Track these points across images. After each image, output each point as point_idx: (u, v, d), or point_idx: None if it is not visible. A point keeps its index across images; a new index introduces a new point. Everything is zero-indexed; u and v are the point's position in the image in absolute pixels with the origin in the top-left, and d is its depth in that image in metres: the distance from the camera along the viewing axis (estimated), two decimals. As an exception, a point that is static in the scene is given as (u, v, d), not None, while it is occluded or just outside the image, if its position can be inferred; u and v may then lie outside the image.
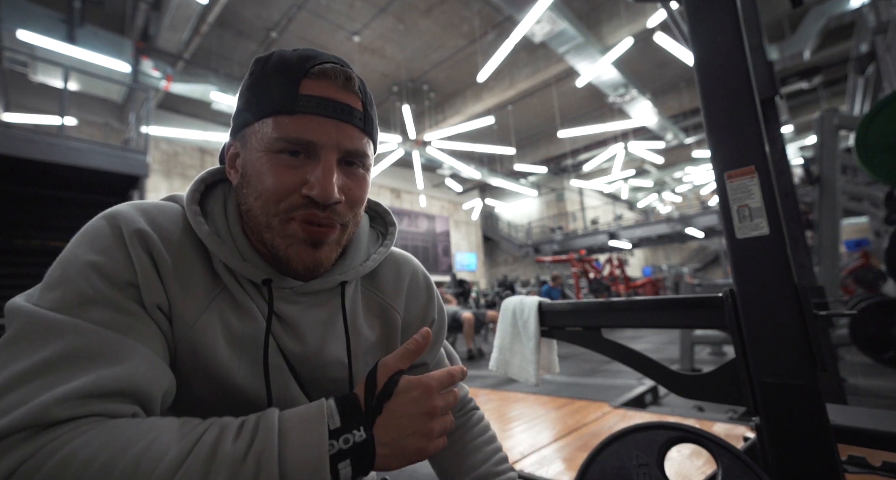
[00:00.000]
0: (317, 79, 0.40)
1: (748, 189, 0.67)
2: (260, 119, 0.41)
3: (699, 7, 0.75)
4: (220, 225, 0.44)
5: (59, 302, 0.34)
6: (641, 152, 11.99)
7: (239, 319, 0.42)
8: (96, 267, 0.35)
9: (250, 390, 0.42)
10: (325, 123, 0.40)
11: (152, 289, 0.37)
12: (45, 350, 0.31)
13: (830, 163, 2.57)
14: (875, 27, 2.84)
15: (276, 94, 0.40)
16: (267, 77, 0.41)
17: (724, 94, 0.70)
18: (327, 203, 0.40)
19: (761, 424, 0.64)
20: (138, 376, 0.33)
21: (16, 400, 0.28)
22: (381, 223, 0.57)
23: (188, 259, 0.41)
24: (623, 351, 0.84)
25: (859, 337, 2.35)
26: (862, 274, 3.26)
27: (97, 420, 0.30)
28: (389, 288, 0.54)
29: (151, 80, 7.34)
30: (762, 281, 0.65)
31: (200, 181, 0.47)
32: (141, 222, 0.39)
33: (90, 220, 0.40)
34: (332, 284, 0.47)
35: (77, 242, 0.38)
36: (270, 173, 0.40)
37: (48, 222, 4.50)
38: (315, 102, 0.39)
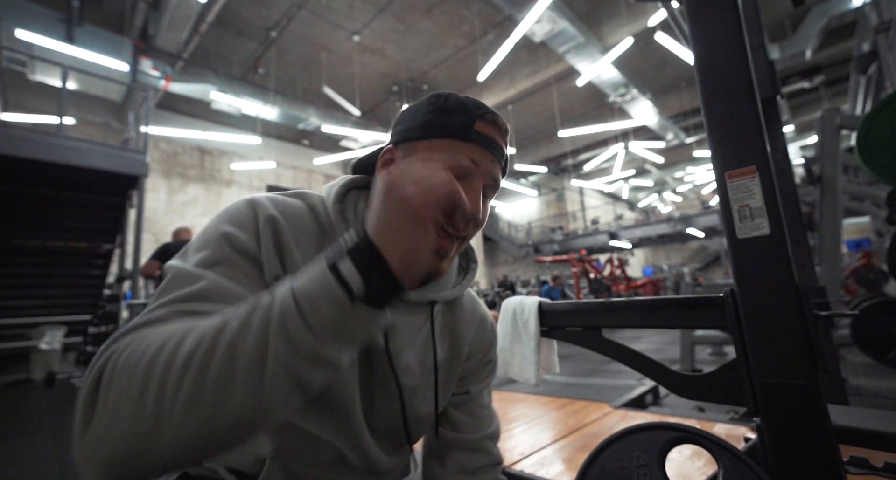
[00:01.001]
0: (488, 123, 0.50)
1: (749, 189, 0.67)
2: (438, 138, 0.49)
3: (700, 6, 0.75)
4: (350, 217, 0.51)
5: (198, 260, 0.41)
6: (642, 152, 12.00)
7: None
8: (228, 237, 0.42)
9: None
10: (487, 155, 0.49)
11: (272, 265, 0.43)
12: (180, 290, 0.38)
13: (832, 162, 2.57)
14: (877, 26, 2.83)
15: (457, 123, 0.49)
16: (449, 110, 0.49)
17: (725, 94, 0.70)
18: (475, 216, 0.48)
19: (762, 425, 0.64)
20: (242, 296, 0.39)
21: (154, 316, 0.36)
22: (465, 258, 0.63)
23: (308, 248, 0.46)
24: (623, 351, 0.84)
25: (861, 338, 2.34)
26: (863, 274, 3.26)
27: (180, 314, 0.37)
28: (465, 320, 0.61)
29: (150, 79, 7.34)
30: (763, 281, 0.65)
31: (344, 186, 0.53)
32: (275, 211, 0.45)
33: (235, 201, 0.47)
34: (424, 300, 0.53)
35: (220, 216, 0.45)
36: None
37: (47, 222, 4.50)
38: (485, 139, 0.49)
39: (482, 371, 0.65)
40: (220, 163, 10.87)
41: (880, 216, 2.74)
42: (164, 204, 9.76)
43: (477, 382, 0.64)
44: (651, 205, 19.59)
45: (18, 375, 3.93)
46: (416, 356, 0.53)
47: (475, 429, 0.62)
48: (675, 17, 1.58)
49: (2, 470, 1.84)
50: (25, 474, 1.80)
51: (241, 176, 11.25)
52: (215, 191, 10.78)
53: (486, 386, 0.66)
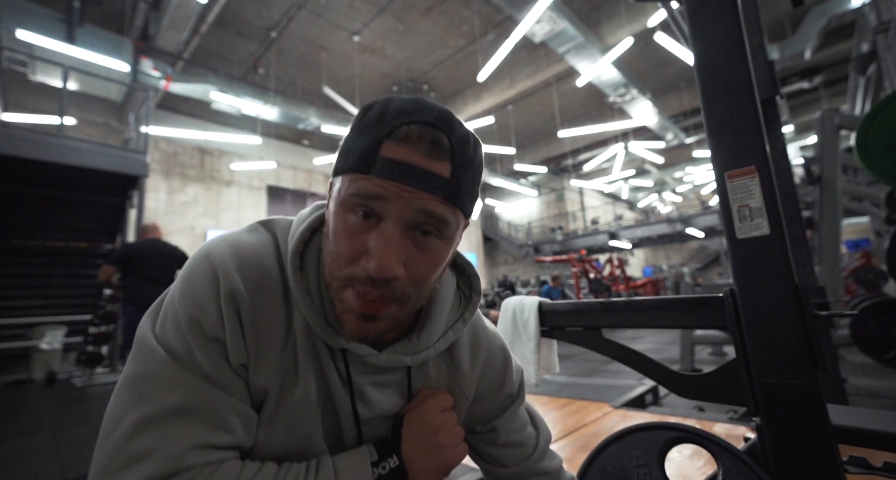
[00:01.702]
0: (399, 142, 0.37)
1: (749, 189, 0.67)
2: (342, 173, 0.40)
3: (699, 6, 0.75)
4: (312, 282, 0.43)
5: (175, 345, 0.38)
6: (642, 152, 12.00)
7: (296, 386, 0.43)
8: (196, 321, 0.39)
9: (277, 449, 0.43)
10: (398, 188, 0.37)
11: (237, 350, 0.40)
12: (166, 399, 0.36)
13: (831, 162, 2.57)
14: (876, 26, 2.83)
15: (359, 152, 0.38)
16: (361, 130, 0.39)
17: (725, 94, 0.70)
18: (381, 278, 0.37)
19: (762, 424, 0.64)
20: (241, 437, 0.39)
21: (148, 446, 0.34)
22: (468, 285, 0.52)
23: (272, 317, 0.41)
24: (623, 351, 0.84)
25: (860, 338, 2.34)
26: (863, 274, 3.26)
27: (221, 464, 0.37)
28: (464, 369, 0.52)
29: (151, 79, 7.33)
30: (763, 281, 0.65)
31: (308, 229, 0.44)
32: (236, 280, 0.40)
33: (194, 258, 0.42)
34: (400, 364, 0.45)
35: (183, 288, 0.40)
36: (341, 234, 0.39)
37: (47, 222, 4.50)
38: (391, 167, 0.37)
39: (502, 404, 0.57)
40: (220, 163, 10.87)
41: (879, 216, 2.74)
42: (165, 204, 9.75)
43: (501, 417, 0.57)
44: (651, 205, 19.59)
45: (19, 375, 3.93)
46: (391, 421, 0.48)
47: (521, 456, 0.56)
48: (675, 17, 1.58)
49: (2, 470, 1.84)
50: (26, 473, 1.80)
51: (241, 176, 11.25)
52: (215, 191, 10.77)
53: (512, 415, 0.58)
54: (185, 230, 10.01)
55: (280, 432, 0.42)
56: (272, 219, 0.47)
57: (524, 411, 0.60)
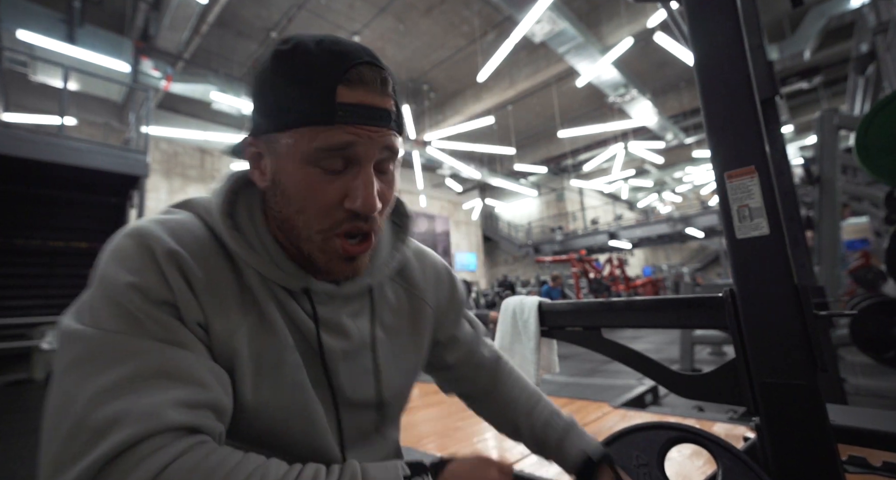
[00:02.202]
0: (354, 86, 0.38)
1: (748, 189, 0.67)
2: (293, 128, 0.38)
3: (699, 7, 0.75)
4: (250, 235, 0.43)
5: (113, 322, 0.34)
6: (641, 152, 11.99)
7: (270, 337, 0.42)
8: (136, 288, 0.35)
9: (270, 408, 0.42)
10: (366, 131, 0.39)
11: (190, 308, 0.37)
12: (122, 368, 0.32)
13: (831, 163, 2.57)
14: (875, 27, 2.84)
15: (310, 103, 0.38)
16: (297, 79, 0.38)
17: (725, 94, 0.70)
18: (370, 214, 0.40)
19: (761, 424, 0.64)
20: (217, 392, 0.36)
21: (114, 412, 0.29)
22: (398, 215, 0.56)
23: (217, 276, 0.40)
24: (623, 351, 0.84)
25: (860, 337, 2.34)
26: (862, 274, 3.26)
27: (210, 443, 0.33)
28: (419, 283, 0.57)
29: (151, 79, 7.34)
30: (762, 281, 0.65)
31: (229, 192, 0.45)
32: (170, 241, 0.38)
33: (114, 241, 0.38)
34: (362, 289, 0.49)
35: (108, 263, 0.37)
36: (311, 187, 0.40)
37: (48, 222, 4.50)
38: (355, 111, 0.38)
39: (455, 312, 0.63)
40: (221, 163, 10.87)
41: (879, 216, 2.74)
42: (165, 204, 9.73)
43: (457, 326, 0.63)
44: (651, 205, 19.58)
45: (19, 375, 3.93)
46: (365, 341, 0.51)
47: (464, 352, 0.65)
48: (675, 17, 1.58)
49: (2, 470, 1.84)
50: (26, 473, 1.80)
51: (241, 176, 11.24)
52: (215, 192, 10.77)
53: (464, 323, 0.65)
54: (185, 230, 9.99)
55: (270, 388, 0.41)
56: (182, 201, 0.46)
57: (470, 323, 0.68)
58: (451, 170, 12.56)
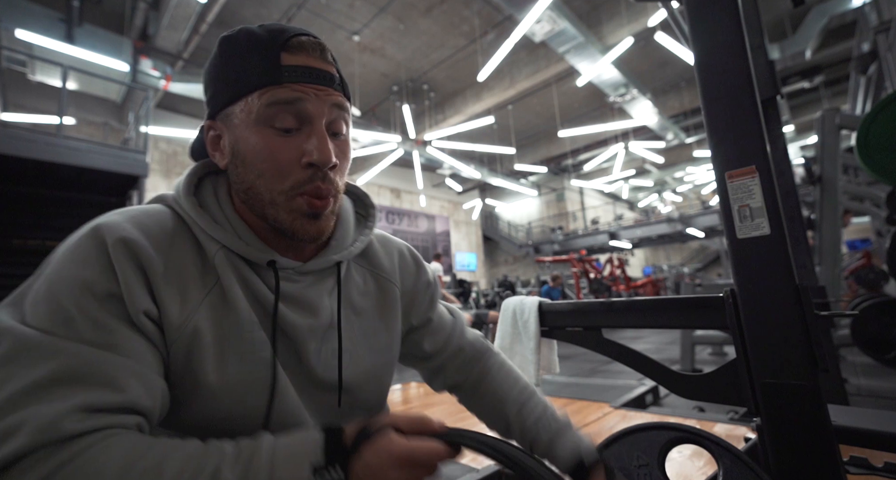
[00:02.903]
0: (296, 51, 0.42)
1: (749, 189, 0.67)
2: (245, 95, 0.42)
3: (700, 6, 0.75)
4: (215, 212, 0.45)
5: (46, 320, 0.34)
6: (642, 152, 11.99)
7: (231, 313, 0.42)
8: (79, 281, 0.35)
9: (235, 387, 0.41)
10: (312, 89, 0.42)
11: (137, 297, 0.37)
12: (36, 371, 0.31)
13: (832, 162, 2.56)
14: (877, 26, 2.83)
15: (258, 69, 0.41)
16: (242, 54, 0.42)
17: (725, 94, 0.70)
18: (327, 166, 0.42)
19: (762, 425, 0.64)
20: (134, 394, 0.34)
21: (20, 420, 0.29)
22: (363, 206, 0.59)
23: (179, 259, 0.41)
24: (623, 351, 0.84)
25: (861, 338, 2.34)
26: (863, 274, 3.26)
27: (111, 433, 0.32)
28: (385, 265, 0.58)
29: (150, 79, 7.33)
30: (763, 281, 0.65)
31: (193, 174, 0.48)
32: (126, 229, 0.39)
33: (76, 233, 0.39)
34: (329, 264, 0.50)
35: (60, 257, 0.38)
36: (268, 148, 0.41)
37: (47, 222, 4.50)
38: (299, 72, 0.41)
39: (428, 295, 0.63)
40: (220, 163, 10.87)
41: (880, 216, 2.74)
42: (164, 204, 9.75)
43: (431, 308, 0.64)
44: (651, 205, 19.58)
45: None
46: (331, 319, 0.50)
47: (444, 340, 0.65)
48: (675, 17, 1.58)
49: (2, 470, 1.84)
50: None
51: (241, 176, 11.24)
52: (215, 191, 10.78)
53: (437, 305, 0.66)
54: (185, 230, 10.00)
55: (235, 366, 0.41)
56: (154, 196, 0.48)
57: (445, 311, 0.68)
58: (451, 169, 12.56)
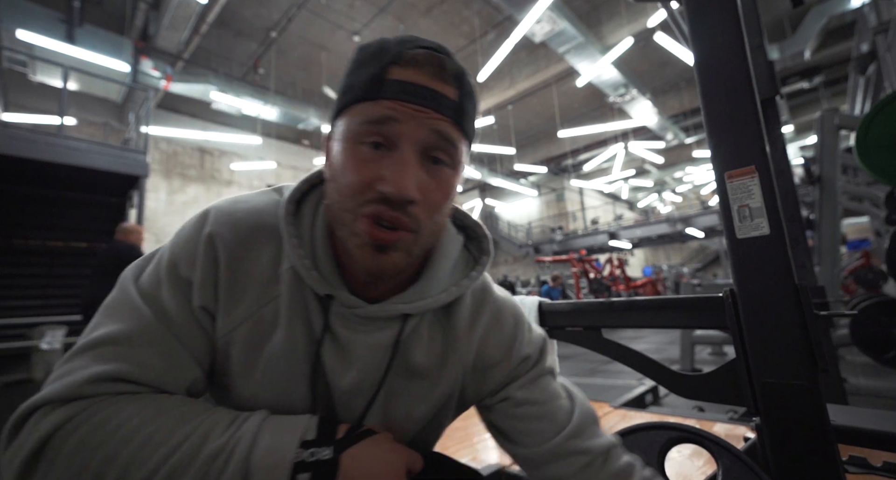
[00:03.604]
0: (406, 65, 0.37)
1: (748, 189, 0.67)
2: (347, 107, 0.38)
3: (699, 7, 0.75)
4: (305, 227, 0.42)
5: (148, 283, 0.40)
6: (641, 152, 12.00)
7: (274, 336, 0.41)
8: (174, 258, 0.40)
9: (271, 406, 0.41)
10: (409, 109, 0.36)
11: (205, 291, 0.40)
12: (113, 325, 0.37)
13: (831, 162, 2.57)
14: (876, 27, 2.83)
15: (363, 82, 0.38)
16: (361, 65, 0.39)
17: (725, 94, 0.70)
18: (400, 200, 0.36)
19: (762, 424, 0.64)
20: (163, 376, 0.38)
21: (65, 371, 0.35)
22: (478, 248, 0.50)
23: (254, 265, 0.41)
24: (623, 351, 0.84)
25: (860, 338, 2.34)
26: (863, 274, 3.26)
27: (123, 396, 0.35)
28: (461, 330, 0.47)
29: (151, 79, 7.34)
30: (763, 281, 0.65)
31: (306, 181, 0.45)
32: (221, 225, 0.41)
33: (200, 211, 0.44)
34: (394, 313, 0.42)
35: (180, 230, 0.43)
36: (349, 165, 0.37)
37: (47, 222, 4.50)
38: (400, 87, 0.36)
39: (516, 370, 0.50)
40: (221, 163, 10.87)
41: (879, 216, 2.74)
42: (165, 204, 9.75)
43: (514, 383, 0.50)
44: (651, 205, 19.59)
45: (19, 375, 3.92)
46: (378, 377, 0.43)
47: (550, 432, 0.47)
48: (675, 17, 1.58)
49: (2, 470, 1.84)
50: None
51: (241, 176, 11.25)
52: (215, 192, 10.77)
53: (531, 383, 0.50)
54: (185, 230, 10.00)
55: (257, 382, 0.41)
56: (287, 184, 0.47)
57: (555, 384, 0.52)
58: (451, 169, 12.53)
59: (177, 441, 0.33)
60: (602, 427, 0.50)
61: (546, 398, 0.49)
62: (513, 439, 0.49)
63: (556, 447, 0.46)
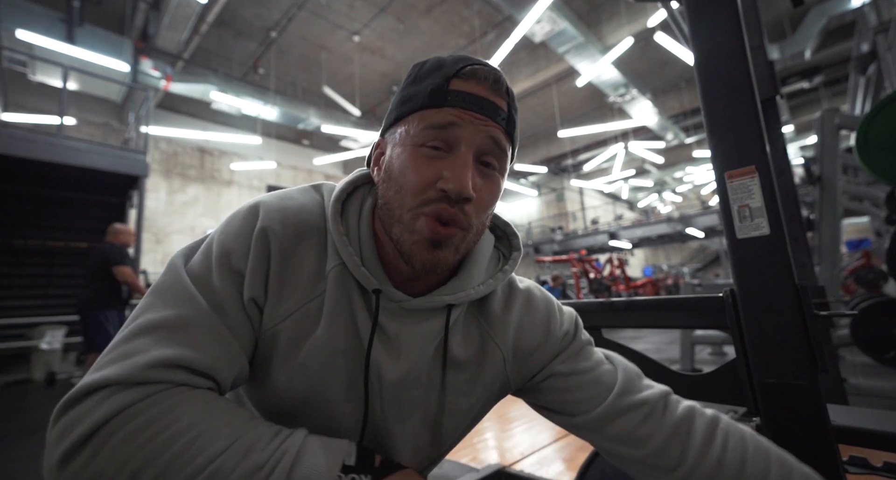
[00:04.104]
0: (466, 78, 0.42)
1: (749, 189, 0.67)
2: (409, 114, 0.43)
3: (700, 6, 0.75)
4: (352, 225, 0.45)
5: (198, 269, 0.41)
6: (642, 152, 11.99)
7: (318, 329, 0.43)
8: (226, 248, 0.41)
9: (298, 403, 0.43)
10: (470, 116, 0.41)
11: (255, 284, 0.41)
12: (167, 310, 0.38)
13: (831, 162, 2.57)
14: (876, 26, 2.83)
15: (427, 92, 0.42)
16: (421, 78, 0.44)
17: (725, 94, 0.70)
18: (460, 197, 0.39)
19: (762, 424, 0.64)
20: (217, 363, 0.38)
21: (130, 349, 0.35)
22: (507, 246, 0.53)
23: (301, 261, 0.43)
24: (623, 351, 0.84)
25: (860, 338, 2.34)
26: (863, 274, 3.26)
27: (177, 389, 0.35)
28: (496, 319, 0.50)
29: (151, 79, 7.34)
30: (763, 281, 0.65)
31: (351, 183, 0.48)
32: (272, 220, 0.42)
33: (244, 204, 0.45)
34: (439, 305, 0.45)
35: (226, 222, 0.44)
36: (411, 166, 0.41)
37: (47, 222, 4.50)
38: (462, 97, 0.41)
39: (558, 346, 0.52)
40: (220, 163, 10.87)
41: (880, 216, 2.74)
42: (165, 204, 9.75)
43: (559, 358, 0.52)
44: (651, 205, 19.59)
45: (19, 375, 3.92)
46: (424, 370, 0.46)
47: (602, 394, 0.49)
48: (675, 17, 1.58)
49: (2, 470, 1.84)
50: (26, 473, 1.80)
51: (241, 176, 11.25)
52: (215, 192, 10.77)
53: (575, 355, 0.52)
54: (186, 230, 10.01)
55: (294, 372, 0.43)
56: (322, 183, 0.50)
57: (597, 352, 0.54)
58: (451, 169, 12.54)
59: (217, 450, 0.32)
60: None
61: (591, 366, 0.52)
62: (566, 411, 0.51)
63: (611, 406, 0.48)
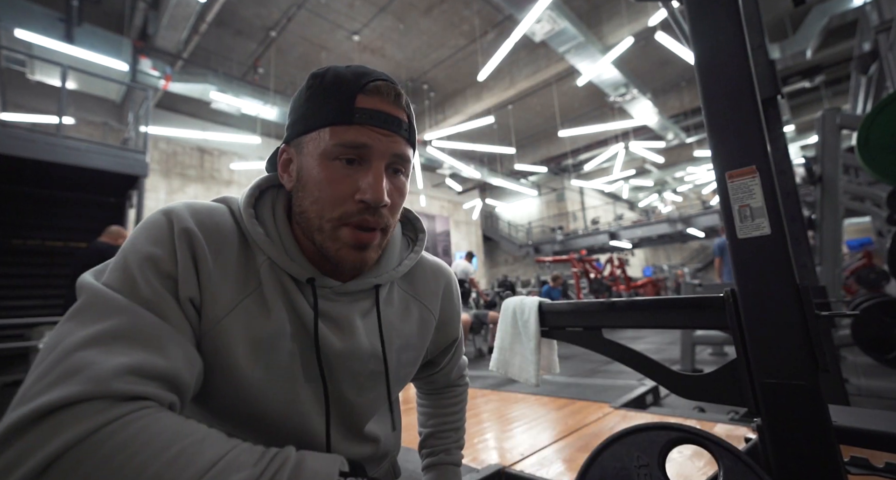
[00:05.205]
0: (370, 94, 0.46)
1: (749, 189, 0.66)
2: (318, 129, 0.46)
3: (700, 6, 0.74)
4: (269, 227, 0.48)
5: (118, 283, 0.39)
6: (642, 152, 11.99)
7: (266, 320, 0.45)
8: (149, 258, 0.40)
9: (264, 390, 0.45)
10: (378, 133, 0.45)
11: (188, 283, 0.41)
12: (103, 323, 0.35)
13: (832, 162, 2.56)
14: (878, 26, 2.83)
15: (334, 107, 0.45)
16: (325, 91, 0.46)
17: (726, 94, 0.70)
18: (379, 205, 0.44)
19: (762, 425, 0.64)
20: (178, 364, 0.37)
21: (77, 363, 0.32)
22: (412, 229, 0.62)
23: (227, 258, 0.45)
24: (624, 351, 0.83)
25: (862, 338, 2.34)
26: (864, 274, 3.25)
27: (153, 409, 0.33)
28: (426, 292, 0.61)
29: (150, 79, 7.33)
30: (764, 281, 0.64)
31: (256, 187, 0.51)
32: (190, 222, 0.43)
33: (152, 214, 0.45)
34: (368, 286, 0.52)
35: (138, 232, 0.43)
36: (326, 180, 0.45)
37: (46, 222, 4.50)
38: (369, 114, 0.45)
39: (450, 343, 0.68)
40: (220, 163, 10.86)
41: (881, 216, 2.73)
42: (164, 203, 9.71)
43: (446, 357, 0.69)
44: (651, 205, 19.59)
45: (18, 375, 3.92)
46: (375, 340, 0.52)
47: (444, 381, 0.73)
48: (676, 16, 1.58)
49: (1, 470, 1.84)
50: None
51: (240, 176, 11.24)
52: (215, 191, 10.77)
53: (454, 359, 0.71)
54: (185, 230, 10.00)
55: (262, 370, 0.44)
56: (220, 197, 0.52)
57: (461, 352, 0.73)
58: (451, 169, 12.55)
59: (208, 462, 0.31)
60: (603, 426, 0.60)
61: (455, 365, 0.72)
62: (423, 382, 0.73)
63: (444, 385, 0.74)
